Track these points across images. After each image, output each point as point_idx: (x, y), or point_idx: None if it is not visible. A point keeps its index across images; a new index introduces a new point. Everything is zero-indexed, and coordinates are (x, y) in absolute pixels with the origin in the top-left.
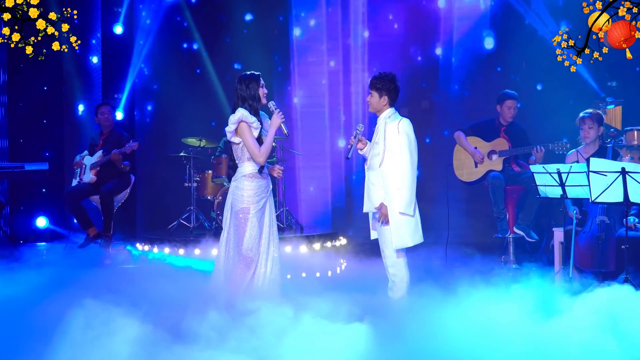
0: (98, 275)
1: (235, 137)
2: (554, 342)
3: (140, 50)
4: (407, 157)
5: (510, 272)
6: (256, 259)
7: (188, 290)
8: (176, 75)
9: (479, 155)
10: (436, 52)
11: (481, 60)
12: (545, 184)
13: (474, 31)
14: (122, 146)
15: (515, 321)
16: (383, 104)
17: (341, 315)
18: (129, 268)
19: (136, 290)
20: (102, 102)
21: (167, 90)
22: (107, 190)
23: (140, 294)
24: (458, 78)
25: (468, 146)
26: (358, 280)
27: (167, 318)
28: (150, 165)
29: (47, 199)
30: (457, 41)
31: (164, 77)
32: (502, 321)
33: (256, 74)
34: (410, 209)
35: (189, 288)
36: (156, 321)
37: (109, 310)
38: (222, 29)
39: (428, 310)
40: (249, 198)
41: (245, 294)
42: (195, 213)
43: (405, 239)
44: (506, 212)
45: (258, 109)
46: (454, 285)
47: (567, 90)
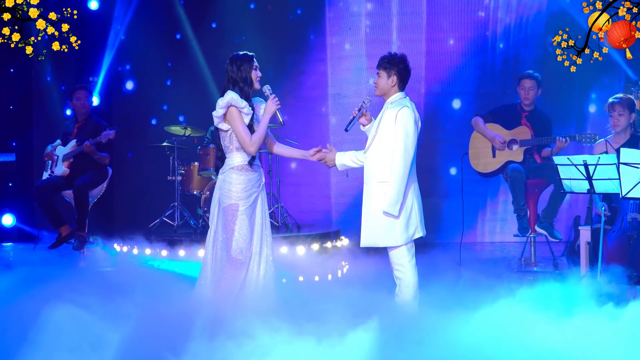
0: (70, 280)
1: (223, 124)
2: (578, 356)
3: (119, 28)
4: (401, 151)
5: (531, 275)
6: (247, 261)
7: (171, 300)
8: (158, 56)
9: (500, 140)
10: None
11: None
12: (570, 177)
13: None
14: (98, 135)
15: (536, 331)
16: (391, 85)
17: (343, 324)
18: (106, 271)
19: (113, 299)
20: (79, 86)
21: (149, 73)
22: (81, 185)
23: (118, 304)
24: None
25: (487, 131)
26: (362, 285)
27: (144, 338)
28: (129, 157)
29: (14, 194)
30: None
31: (144, 58)
32: (521, 331)
33: (249, 54)
34: (395, 208)
35: (172, 296)
36: (133, 341)
37: (81, 323)
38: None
39: (438, 318)
40: (238, 193)
41: (235, 303)
42: (179, 210)
43: (376, 237)
44: (527, 208)
45: (250, 93)
46: (468, 290)
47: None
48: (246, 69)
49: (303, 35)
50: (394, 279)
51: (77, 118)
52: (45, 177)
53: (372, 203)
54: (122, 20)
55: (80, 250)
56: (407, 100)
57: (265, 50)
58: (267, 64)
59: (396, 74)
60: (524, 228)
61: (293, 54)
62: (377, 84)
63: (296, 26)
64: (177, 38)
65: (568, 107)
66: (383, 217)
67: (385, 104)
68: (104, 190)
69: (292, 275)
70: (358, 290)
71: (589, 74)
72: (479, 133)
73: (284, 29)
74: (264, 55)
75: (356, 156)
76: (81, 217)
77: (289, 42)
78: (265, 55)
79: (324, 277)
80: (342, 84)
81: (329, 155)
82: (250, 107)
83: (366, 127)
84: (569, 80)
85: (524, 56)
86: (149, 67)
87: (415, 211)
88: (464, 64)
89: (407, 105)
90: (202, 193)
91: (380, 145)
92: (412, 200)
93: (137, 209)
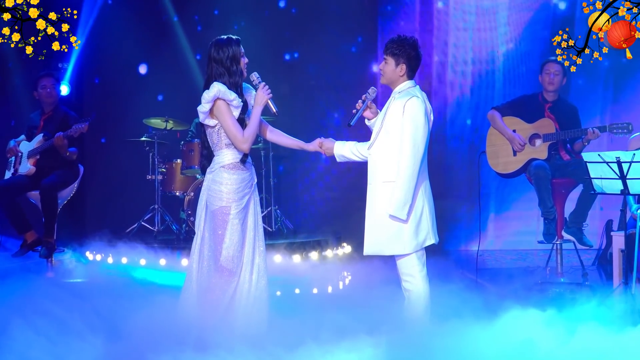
0: (36, 293)
1: (210, 119)
2: None
3: (92, 5)
4: (409, 148)
5: (557, 287)
6: (238, 271)
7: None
8: (137, 38)
9: (519, 142)
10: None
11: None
12: (601, 176)
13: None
14: (68, 128)
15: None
16: (400, 74)
17: (345, 343)
18: (77, 283)
19: (85, 315)
20: (45, 73)
21: (126, 57)
22: (49, 185)
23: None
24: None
25: (505, 129)
26: (366, 298)
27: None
28: (103, 153)
29: None
30: None
31: (121, 40)
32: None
33: (234, 38)
34: (403, 211)
35: (152, 311)
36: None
37: (48, 343)
38: None
39: (452, 336)
40: (230, 195)
41: (223, 319)
42: (160, 213)
43: (382, 245)
44: (555, 211)
45: (239, 83)
46: (486, 305)
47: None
48: (232, 55)
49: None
50: (403, 290)
51: (43, 109)
52: (7, 176)
53: (377, 205)
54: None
55: (47, 258)
56: (416, 89)
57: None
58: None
59: (405, 62)
60: (550, 234)
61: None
62: (383, 71)
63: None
64: (162, 20)
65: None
66: (389, 222)
67: (392, 94)
68: (74, 191)
69: (288, 288)
70: (362, 304)
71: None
72: (496, 130)
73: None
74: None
75: (358, 148)
76: (49, 222)
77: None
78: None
79: (324, 289)
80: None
81: (327, 144)
82: (241, 98)
83: (371, 121)
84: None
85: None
86: (127, 52)
87: (426, 215)
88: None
89: (417, 95)
90: (186, 194)
91: (386, 140)
92: (422, 202)
93: (112, 212)
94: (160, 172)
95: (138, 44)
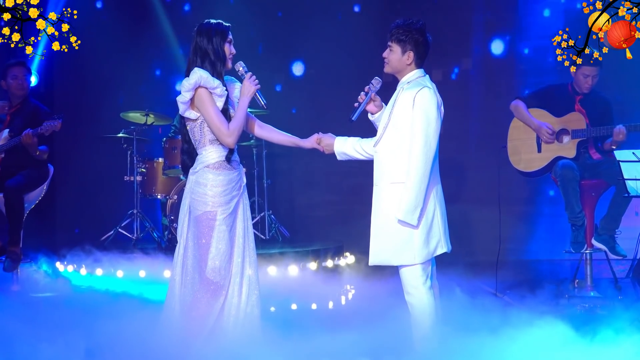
0: (1, 308)
1: (190, 111)
2: None
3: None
4: (421, 144)
5: (587, 302)
6: (226, 284)
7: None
8: (117, 20)
9: (548, 131)
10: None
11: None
12: (636, 177)
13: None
14: (38, 124)
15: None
16: (407, 63)
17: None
18: (46, 297)
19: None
20: (16, 62)
21: (101, 44)
22: (15, 186)
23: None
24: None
25: (531, 119)
26: (371, 314)
27: None
28: (75, 152)
29: None
30: None
31: (96, 24)
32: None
33: (224, 24)
34: (413, 216)
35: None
36: None
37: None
38: None
39: (466, 356)
40: (215, 197)
41: (209, 338)
42: (139, 219)
43: (389, 254)
44: (584, 217)
45: (222, 72)
46: (506, 322)
47: None
48: (218, 41)
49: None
50: (408, 305)
51: (10, 102)
52: None
53: (384, 210)
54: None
55: (13, 270)
56: (426, 79)
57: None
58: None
59: (413, 49)
60: (579, 243)
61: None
62: (388, 59)
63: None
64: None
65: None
66: (398, 228)
67: (399, 84)
68: (43, 194)
69: (283, 303)
70: (367, 321)
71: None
72: (521, 121)
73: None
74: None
75: (362, 145)
76: (14, 228)
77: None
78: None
79: (324, 305)
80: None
81: (326, 140)
82: (224, 87)
83: (375, 115)
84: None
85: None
86: (103, 40)
87: (438, 220)
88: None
89: (428, 86)
90: (169, 198)
91: (394, 136)
92: (433, 206)
93: (86, 217)
94: (139, 172)
95: (117, 27)
